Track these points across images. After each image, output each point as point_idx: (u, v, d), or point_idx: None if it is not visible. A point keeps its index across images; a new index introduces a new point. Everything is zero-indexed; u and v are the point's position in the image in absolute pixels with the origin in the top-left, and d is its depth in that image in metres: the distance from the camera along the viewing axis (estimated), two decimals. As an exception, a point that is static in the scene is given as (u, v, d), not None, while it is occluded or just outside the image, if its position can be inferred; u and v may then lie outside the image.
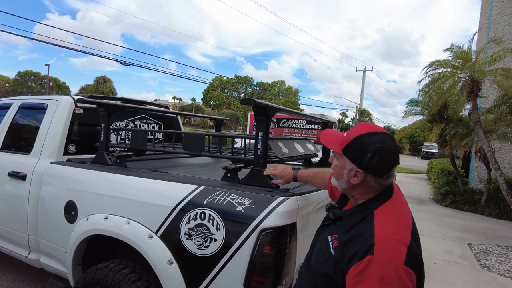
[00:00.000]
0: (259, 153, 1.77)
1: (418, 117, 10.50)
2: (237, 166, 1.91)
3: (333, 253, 1.09)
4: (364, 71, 30.94)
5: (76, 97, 2.70)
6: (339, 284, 1.04)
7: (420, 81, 7.56)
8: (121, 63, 16.71)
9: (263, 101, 1.77)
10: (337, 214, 1.23)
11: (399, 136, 12.48)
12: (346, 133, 1.19)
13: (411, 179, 15.17)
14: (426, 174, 16.53)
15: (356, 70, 32.07)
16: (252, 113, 1.83)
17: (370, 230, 1.03)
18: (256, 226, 1.52)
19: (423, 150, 33.69)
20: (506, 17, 8.96)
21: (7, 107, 3.03)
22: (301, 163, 3.18)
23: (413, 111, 10.56)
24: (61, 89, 54.40)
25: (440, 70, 6.61)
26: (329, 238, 1.15)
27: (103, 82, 44.50)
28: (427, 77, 7.14)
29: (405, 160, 29.47)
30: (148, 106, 3.31)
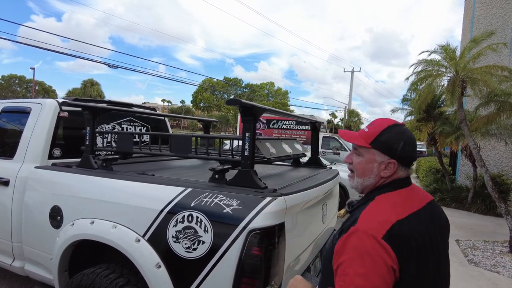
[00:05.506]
0: (246, 153, 1.77)
1: (409, 118, 10.65)
2: (224, 167, 1.90)
3: (334, 242, 1.09)
4: (352, 71, 31.26)
5: (61, 100, 2.65)
6: None
7: (407, 78, 7.66)
8: (109, 66, 16.50)
9: (249, 102, 1.76)
10: (350, 205, 1.25)
11: None
12: (367, 129, 1.18)
13: (400, 177, 15.32)
14: (415, 173, 16.76)
15: (344, 71, 32.37)
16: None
17: (363, 209, 1.05)
18: (244, 227, 1.52)
19: (412, 149, 33.97)
20: (488, 17, 9.18)
21: (-12, 111, 2.96)
22: (289, 163, 3.19)
23: (403, 109, 10.70)
24: (47, 93, 53.47)
25: (427, 68, 6.72)
26: (336, 230, 1.18)
27: (90, 85, 43.84)
28: (413, 75, 7.25)
29: (394, 159, 29.68)
30: (135, 109, 3.27)
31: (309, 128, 3.20)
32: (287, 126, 13.87)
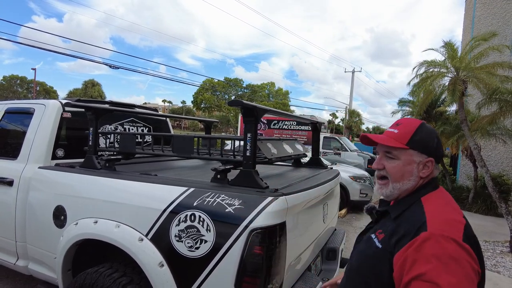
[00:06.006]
0: (248, 154, 1.79)
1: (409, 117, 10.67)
2: (226, 167, 1.92)
3: (380, 246, 1.01)
4: (353, 72, 31.23)
5: (64, 101, 2.68)
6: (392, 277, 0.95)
7: (409, 82, 7.71)
8: (110, 66, 16.55)
9: (251, 102, 1.78)
10: (382, 209, 1.16)
11: None
12: (395, 130, 1.11)
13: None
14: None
15: (345, 71, 32.29)
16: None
17: (419, 212, 0.97)
18: (246, 227, 1.54)
19: (412, 149, 33.87)
20: (489, 18, 9.19)
21: (-8, 112, 2.98)
22: (290, 164, 3.21)
23: (402, 111, 10.75)
24: (48, 93, 53.55)
25: (428, 69, 6.75)
26: (373, 235, 1.07)
27: (91, 86, 43.93)
28: (416, 77, 7.28)
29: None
30: (137, 109, 3.29)
31: (310, 129, 3.22)
32: (288, 127, 13.89)
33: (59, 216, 2.18)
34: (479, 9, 9.39)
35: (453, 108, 9.63)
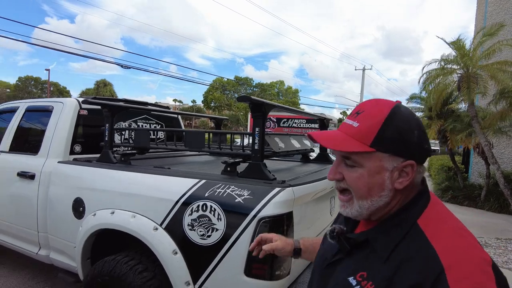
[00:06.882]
0: (256, 147, 1.87)
1: (419, 114, 10.59)
2: (236, 160, 2.01)
3: None
4: (364, 69, 31.00)
5: (81, 99, 2.80)
6: None
7: (419, 79, 7.71)
8: (122, 66, 16.86)
9: (259, 98, 1.86)
10: (358, 238, 0.80)
11: None
12: (355, 122, 0.77)
13: (412, 176, 15.20)
14: (426, 171, 16.60)
15: (356, 69, 32.19)
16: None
17: (426, 249, 0.67)
18: (255, 216, 1.62)
19: (424, 147, 33.44)
20: (501, 13, 9.04)
21: (13, 110, 3.14)
22: (298, 159, 3.27)
23: (414, 108, 10.68)
24: (61, 93, 54.64)
25: (438, 66, 6.72)
26: (352, 280, 0.74)
27: (103, 85, 44.76)
28: (424, 74, 7.27)
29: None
30: (150, 107, 3.40)
31: (318, 126, 3.28)
32: (297, 125, 13.92)
33: (78, 208, 2.30)
34: (491, 5, 9.25)
35: (465, 105, 9.52)
